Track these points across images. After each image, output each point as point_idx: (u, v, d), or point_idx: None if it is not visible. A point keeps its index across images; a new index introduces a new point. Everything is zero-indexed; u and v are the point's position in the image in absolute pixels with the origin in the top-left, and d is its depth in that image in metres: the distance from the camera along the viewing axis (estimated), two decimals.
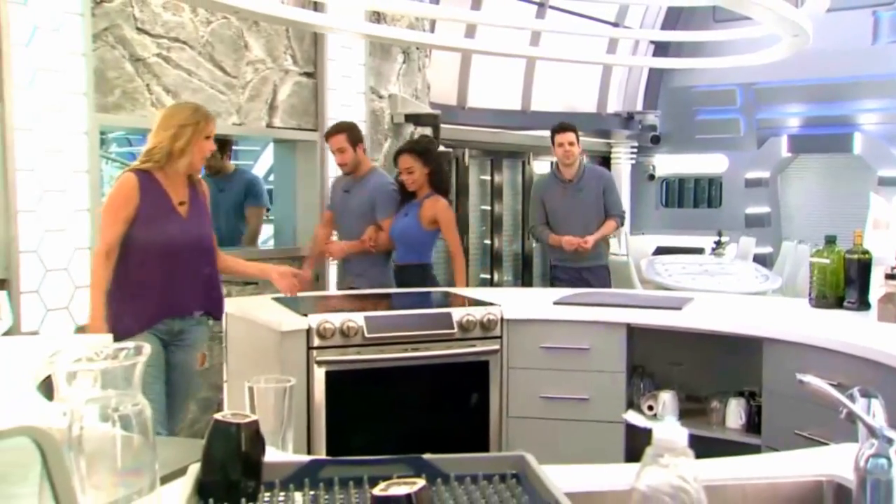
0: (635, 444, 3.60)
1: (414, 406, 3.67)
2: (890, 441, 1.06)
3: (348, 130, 5.11)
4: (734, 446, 3.41)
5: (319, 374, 3.45)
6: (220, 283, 3.73)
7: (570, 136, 5.58)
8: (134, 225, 3.41)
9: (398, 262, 5.13)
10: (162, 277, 3.45)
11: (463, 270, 5.15)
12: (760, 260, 10.20)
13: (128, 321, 3.39)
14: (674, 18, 10.88)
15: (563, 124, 5.69)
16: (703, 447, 1.10)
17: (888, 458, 1.06)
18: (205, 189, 3.71)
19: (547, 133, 5.85)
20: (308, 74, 5.78)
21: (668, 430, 0.90)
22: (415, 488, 0.99)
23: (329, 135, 5.17)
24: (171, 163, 3.46)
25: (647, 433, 1.02)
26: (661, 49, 11.14)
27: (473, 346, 3.69)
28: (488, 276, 9.58)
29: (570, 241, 5.57)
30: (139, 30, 4.70)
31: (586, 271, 5.60)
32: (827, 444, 1.90)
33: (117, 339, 3.10)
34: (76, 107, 4.22)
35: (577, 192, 5.63)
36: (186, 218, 3.51)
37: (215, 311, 3.70)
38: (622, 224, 5.93)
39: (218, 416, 1.28)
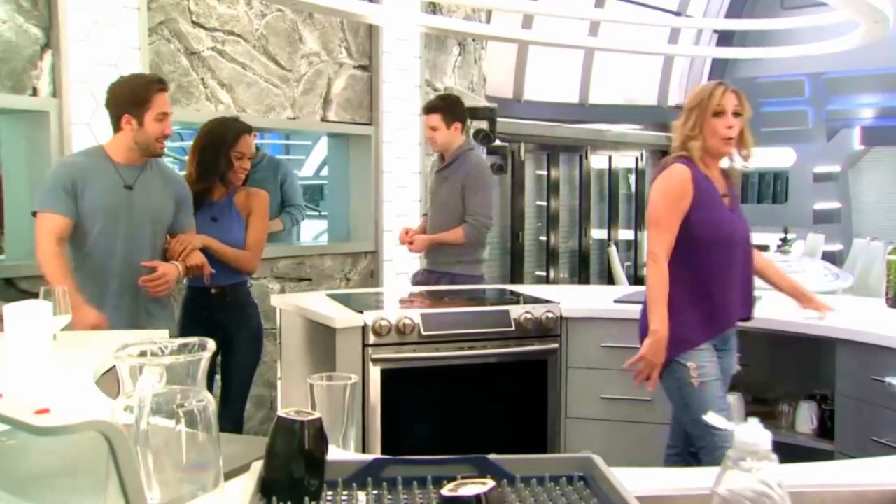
0: None
1: (470, 405, 3.66)
2: None
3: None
4: (805, 452, 3.35)
5: (375, 372, 3.46)
6: None
7: (432, 118, 4.71)
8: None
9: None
10: None
11: None
12: (829, 258, 10.02)
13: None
14: (739, 6, 10.71)
15: (426, 104, 4.95)
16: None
17: None
18: None
19: (606, 127, 5.67)
20: (363, 67, 5.80)
21: (752, 432, 0.88)
22: (484, 489, 0.99)
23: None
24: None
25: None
26: (724, 39, 10.98)
27: (532, 344, 3.68)
28: (544, 274, 9.54)
29: (401, 236, 4.94)
30: (194, 23, 4.76)
31: (445, 279, 4.68)
32: None
33: None
34: None
35: (442, 182, 4.79)
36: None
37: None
38: (478, 235, 4.65)
39: (281, 413, 1.29)
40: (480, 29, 6.40)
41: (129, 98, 3.24)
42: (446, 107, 4.74)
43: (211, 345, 1.25)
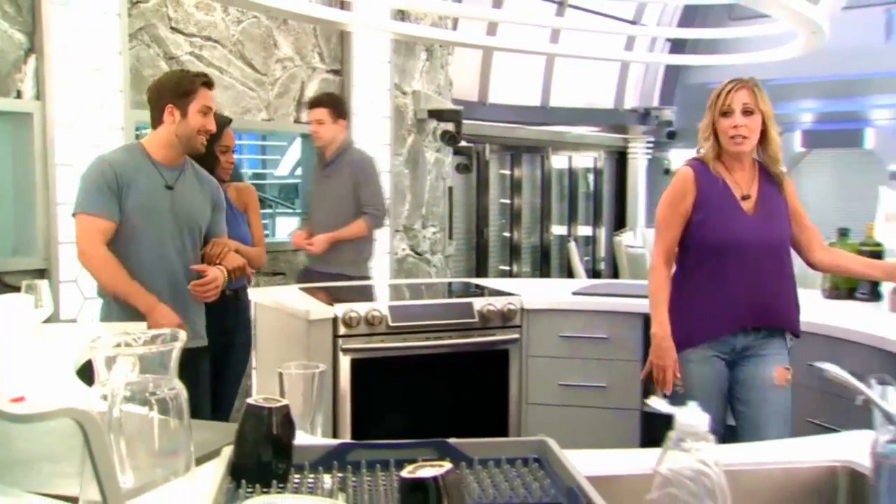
0: (651, 432, 3.58)
1: (436, 393, 3.67)
2: None
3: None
4: None
5: (345, 362, 3.45)
6: None
7: (318, 112, 4.57)
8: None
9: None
10: None
11: None
12: None
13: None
14: (690, 16, 10.79)
15: (313, 99, 4.80)
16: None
17: None
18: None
19: (566, 129, 5.66)
20: (335, 72, 5.78)
21: (691, 415, 0.89)
22: (441, 471, 0.99)
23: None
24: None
25: (662, 421, 1.01)
26: (677, 46, 11.06)
27: (494, 335, 3.69)
28: (507, 268, 9.57)
29: (295, 239, 4.71)
30: (173, 29, 4.72)
31: (336, 279, 4.44)
32: (838, 431, 1.89)
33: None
34: (113, 103, 4.26)
35: (327, 180, 4.63)
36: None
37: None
38: (379, 224, 4.70)
39: (250, 400, 1.28)
40: (447, 35, 6.40)
41: (174, 88, 3.01)
42: (332, 102, 4.62)
43: (182, 335, 1.24)
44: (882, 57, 11.03)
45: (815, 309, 3.44)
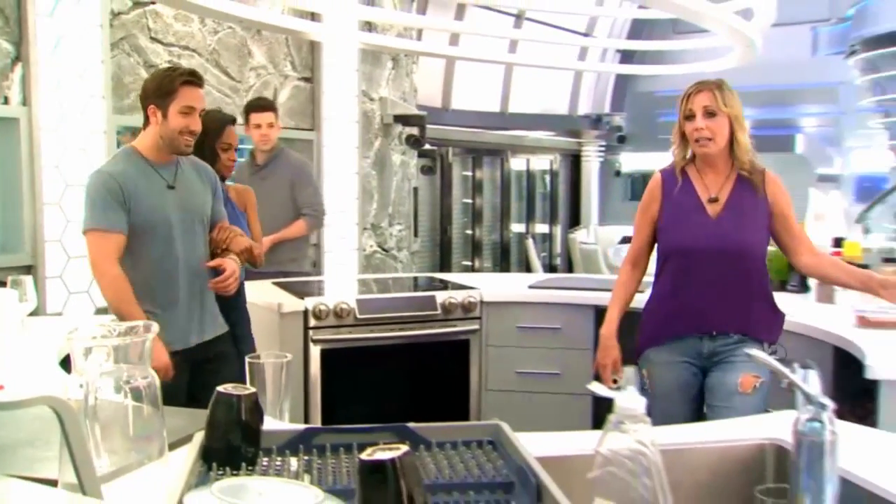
0: (602, 415, 3.61)
1: (401, 380, 3.66)
2: (823, 406, 1.08)
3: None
4: None
5: (315, 352, 3.44)
6: None
7: (270, 115, 4.27)
8: None
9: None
10: None
11: None
12: None
13: None
14: (639, 29, 10.88)
15: (260, 101, 4.42)
16: None
17: (822, 422, 1.07)
18: None
19: (524, 133, 5.67)
20: (306, 79, 5.75)
21: (629, 399, 0.90)
22: (398, 453, 0.99)
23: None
24: None
25: (611, 403, 1.02)
26: (626, 57, 11.14)
27: (455, 326, 3.69)
28: (470, 263, 9.59)
29: None
30: (152, 39, 4.67)
31: (278, 277, 4.10)
32: (769, 411, 1.92)
33: None
34: (96, 109, 4.22)
35: (261, 182, 4.20)
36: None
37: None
38: (319, 224, 4.58)
39: (220, 388, 1.28)
40: (412, 45, 6.38)
41: (155, 88, 2.73)
42: (275, 106, 4.42)
43: (155, 327, 1.23)
44: (809, 70, 11.26)
45: None
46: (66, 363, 2.25)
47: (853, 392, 2.57)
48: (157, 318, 2.58)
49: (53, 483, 1.16)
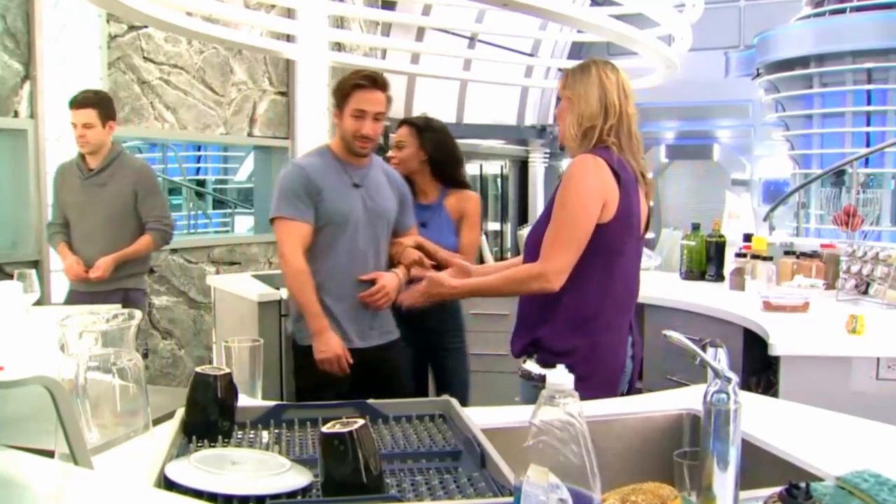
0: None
1: None
2: (729, 380, 1.09)
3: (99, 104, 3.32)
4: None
5: (289, 337, 3.39)
6: None
7: (86, 114, 3.29)
8: None
9: None
10: None
11: None
12: (646, 243, 10.38)
13: None
14: (577, 50, 10.98)
15: (78, 96, 3.34)
16: None
17: (727, 394, 1.09)
18: None
19: (478, 141, 5.65)
20: (282, 93, 5.70)
21: (559, 375, 0.90)
22: (356, 426, 0.99)
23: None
24: None
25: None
26: None
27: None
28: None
29: (73, 273, 3.30)
30: (145, 58, 4.62)
31: (116, 296, 3.28)
32: (689, 385, 1.95)
33: None
34: None
35: (97, 189, 3.35)
36: None
37: None
38: (167, 239, 3.49)
39: (199, 369, 1.26)
40: (377, 63, 6.35)
41: (335, 90, 2.54)
42: (101, 102, 3.36)
43: (138, 314, 1.21)
44: (723, 89, 11.48)
45: (674, 288, 3.54)
46: (65, 348, 2.20)
47: (760, 368, 2.62)
48: (332, 312, 2.48)
49: (51, 454, 1.13)
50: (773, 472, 1.32)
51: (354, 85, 2.46)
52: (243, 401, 1.34)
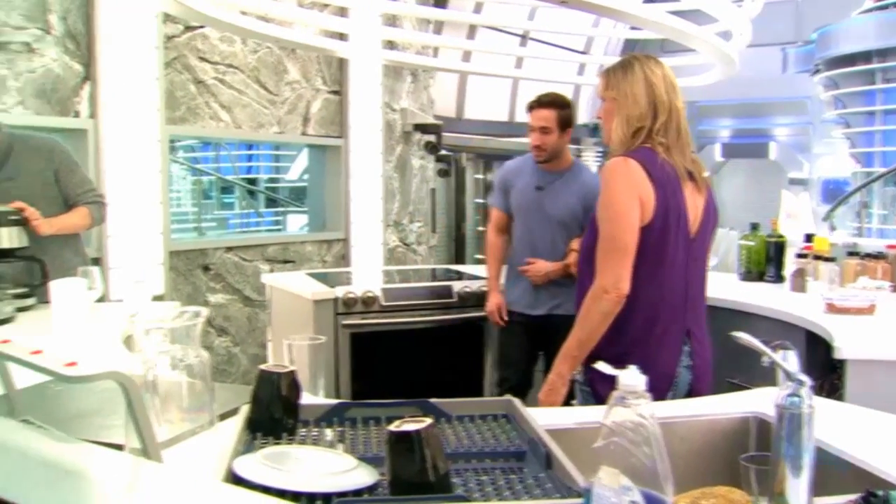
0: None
1: (421, 360, 3.64)
2: (801, 383, 1.06)
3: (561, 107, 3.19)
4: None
5: (344, 336, 3.43)
6: None
7: None
8: None
9: None
10: None
11: None
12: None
13: None
14: (630, 47, 10.82)
15: None
16: None
17: (800, 397, 1.06)
18: None
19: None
20: (335, 92, 5.74)
21: (631, 377, 0.89)
22: (423, 425, 0.99)
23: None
24: None
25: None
26: None
27: (469, 312, 3.66)
28: (481, 257, 9.56)
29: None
30: (200, 58, 4.68)
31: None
32: (748, 388, 1.90)
33: None
34: (151, 120, 4.25)
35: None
36: None
37: None
38: (102, 212, 3.01)
39: (263, 367, 1.27)
40: (429, 61, 6.37)
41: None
42: None
43: (204, 312, 1.23)
44: (780, 85, 11.20)
45: (733, 289, 3.47)
46: (127, 343, 2.25)
47: (821, 372, 2.55)
48: (504, 283, 3.31)
49: (119, 448, 1.16)
50: (845, 479, 1.28)
51: (532, 105, 3.13)
52: (305, 399, 1.35)
